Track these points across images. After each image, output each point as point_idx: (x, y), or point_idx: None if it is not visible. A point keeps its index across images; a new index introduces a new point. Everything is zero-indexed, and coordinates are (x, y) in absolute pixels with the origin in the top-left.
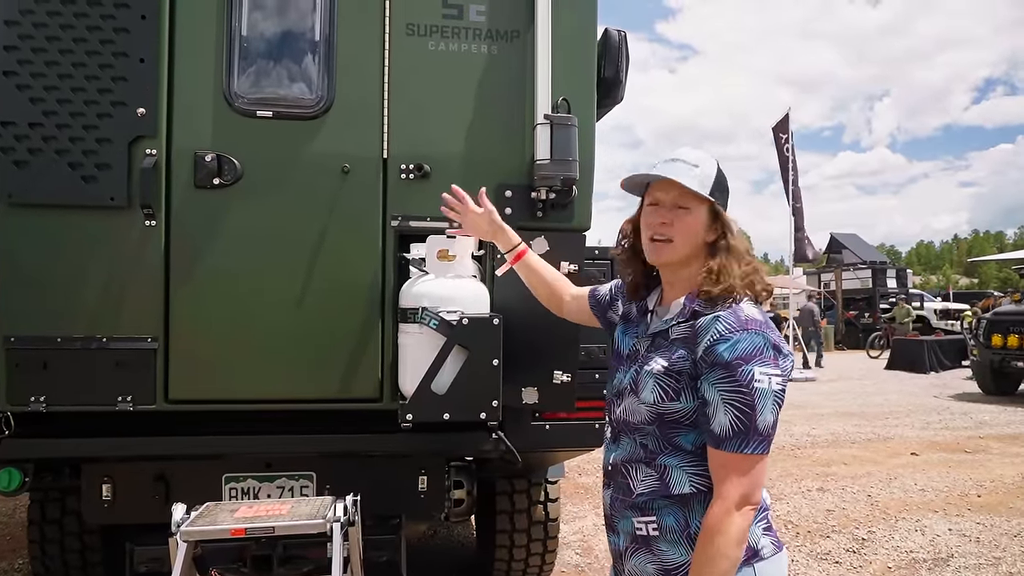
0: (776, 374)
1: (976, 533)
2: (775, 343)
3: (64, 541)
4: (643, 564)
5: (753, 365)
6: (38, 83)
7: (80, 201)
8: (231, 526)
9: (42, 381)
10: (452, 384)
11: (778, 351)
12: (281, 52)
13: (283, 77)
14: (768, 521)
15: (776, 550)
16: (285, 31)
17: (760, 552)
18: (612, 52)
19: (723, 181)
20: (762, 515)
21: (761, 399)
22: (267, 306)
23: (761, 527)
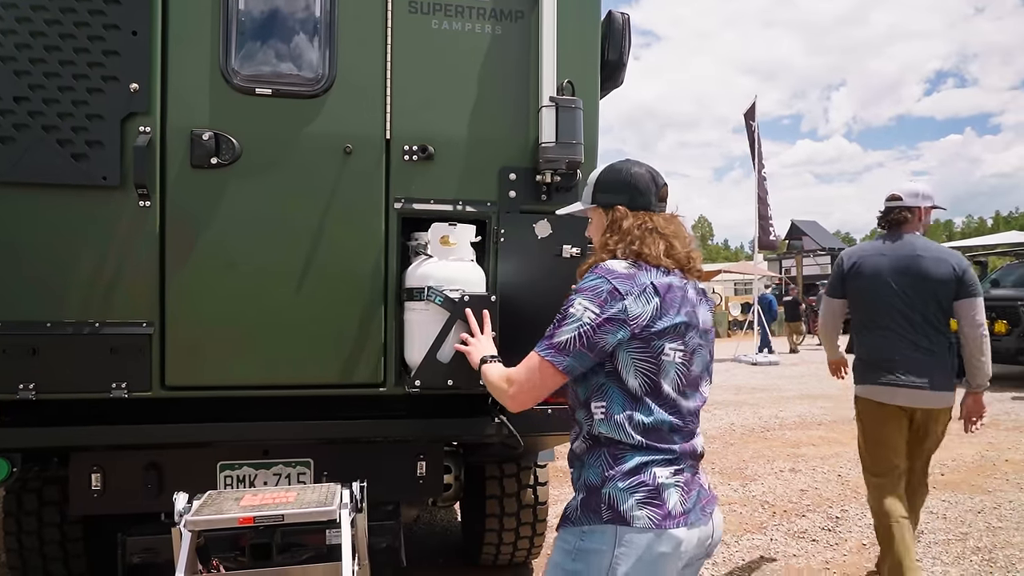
0: (593, 310)
1: (942, 510)
2: (615, 288)
3: (42, 532)
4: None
5: (580, 295)
6: (23, 55)
7: (70, 180)
8: (239, 515)
9: (31, 368)
10: (455, 354)
11: (612, 296)
12: (281, 28)
13: (283, 54)
14: (656, 499)
15: (650, 526)
16: (285, 5)
17: (630, 521)
18: (616, 35)
19: (607, 179)
20: (643, 489)
21: (568, 320)
22: (267, 289)
23: (637, 499)
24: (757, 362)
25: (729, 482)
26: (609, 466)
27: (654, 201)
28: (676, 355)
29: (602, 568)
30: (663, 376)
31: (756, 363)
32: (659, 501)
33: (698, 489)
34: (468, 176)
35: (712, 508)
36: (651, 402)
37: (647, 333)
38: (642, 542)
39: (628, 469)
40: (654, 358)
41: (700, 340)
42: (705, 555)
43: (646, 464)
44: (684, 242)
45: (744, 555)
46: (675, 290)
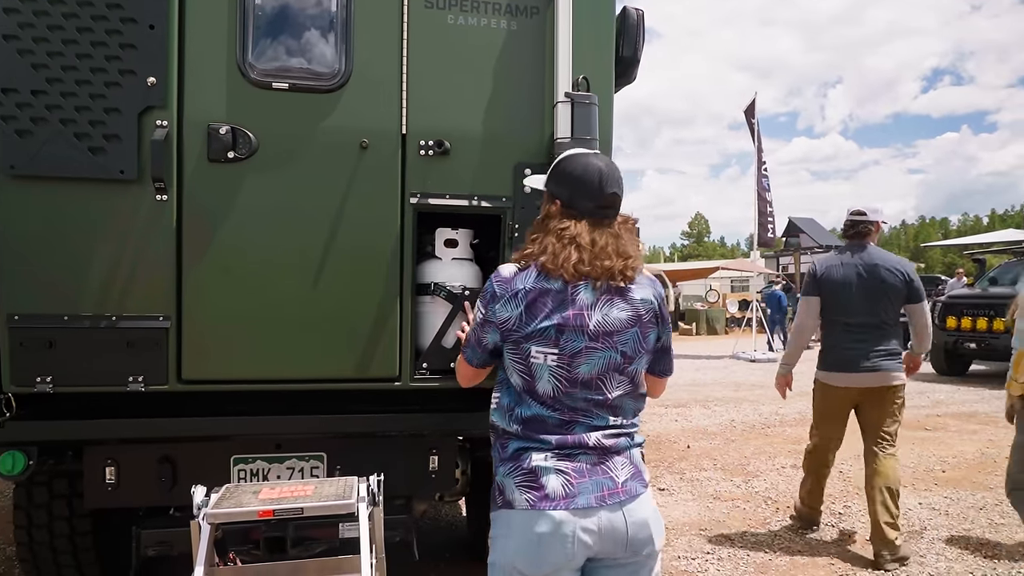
0: (481, 309)
1: (945, 507)
2: (494, 291)
3: (52, 526)
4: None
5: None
6: (41, 48)
7: (87, 174)
8: (259, 507)
9: (49, 361)
10: (457, 340)
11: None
12: (297, 22)
13: (299, 48)
14: (534, 483)
15: (527, 507)
16: (302, 1)
17: (512, 503)
18: (630, 31)
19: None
20: (521, 473)
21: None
22: (283, 284)
23: (515, 481)
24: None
25: (732, 478)
26: (498, 455)
27: (592, 208)
28: (548, 358)
29: (500, 551)
30: (536, 377)
31: (755, 360)
32: (536, 484)
33: (598, 479)
34: (483, 171)
35: (622, 502)
36: (529, 399)
37: (515, 336)
38: (522, 522)
39: (509, 455)
40: (524, 360)
41: (589, 343)
42: (634, 559)
43: (524, 450)
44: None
45: (749, 550)
46: (550, 295)
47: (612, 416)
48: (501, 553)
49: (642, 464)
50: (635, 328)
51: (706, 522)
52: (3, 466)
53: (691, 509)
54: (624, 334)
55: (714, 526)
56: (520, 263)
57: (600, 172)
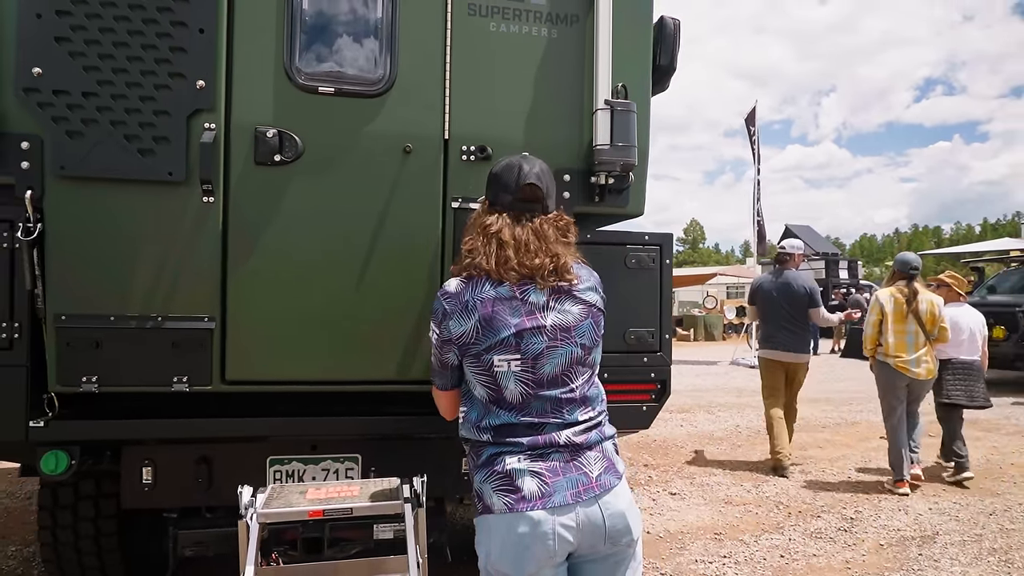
0: (435, 330)
1: (955, 512)
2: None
3: (77, 527)
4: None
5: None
6: (92, 51)
7: (136, 175)
8: (309, 507)
9: (94, 361)
10: None
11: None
12: (343, 28)
13: (345, 53)
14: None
15: (506, 510)
16: (347, 7)
17: (491, 508)
18: (668, 40)
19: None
20: (498, 478)
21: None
22: (326, 286)
23: (492, 486)
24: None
25: (742, 483)
26: (473, 464)
27: (512, 200)
28: (511, 365)
29: (483, 555)
30: (502, 385)
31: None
32: (512, 487)
33: (572, 475)
34: None
35: (597, 495)
36: (496, 408)
37: (475, 349)
38: (502, 526)
39: (483, 462)
40: (487, 371)
41: (549, 343)
42: (615, 550)
43: (497, 455)
44: (528, 252)
45: (765, 554)
46: (501, 303)
47: (581, 409)
48: (486, 558)
49: (615, 456)
50: (589, 319)
51: (720, 526)
52: (46, 466)
53: (704, 513)
54: (580, 327)
55: (728, 530)
56: (462, 275)
57: (519, 166)
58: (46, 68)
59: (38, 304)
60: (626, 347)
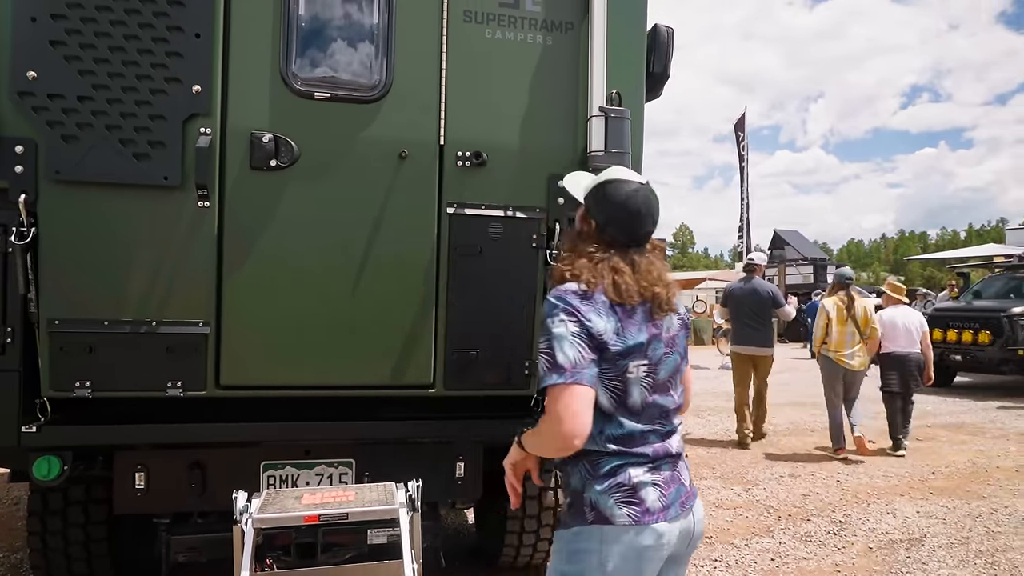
0: (572, 319)
1: (942, 515)
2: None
3: (67, 532)
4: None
5: (550, 318)
6: (87, 54)
7: (131, 180)
8: (304, 512)
9: (88, 366)
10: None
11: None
12: (339, 34)
13: (341, 59)
14: (633, 497)
15: (631, 523)
16: (344, 13)
17: (612, 520)
18: (661, 47)
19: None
20: (620, 490)
21: (559, 340)
22: (321, 291)
23: (615, 499)
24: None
25: (732, 487)
26: (588, 473)
27: (625, 241)
28: (640, 370)
29: (593, 565)
30: (629, 392)
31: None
32: (637, 499)
33: (678, 486)
34: (518, 182)
35: (692, 503)
36: (620, 417)
37: (610, 352)
38: (625, 538)
39: (604, 473)
40: (620, 377)
41: (666, 348)
42: (689, 550)
43: (621, 467)
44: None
45: (755, 558)
46: (634, 309)
47: (675, 419)
48: (599, 567)
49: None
50: (683, 331)
51: (710, 530)
52: (39, 471)
53: None
54: (679, 337)
55: (719, 534)
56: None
57: (639, 209)
58: (41, 72)
59: (31, 308)
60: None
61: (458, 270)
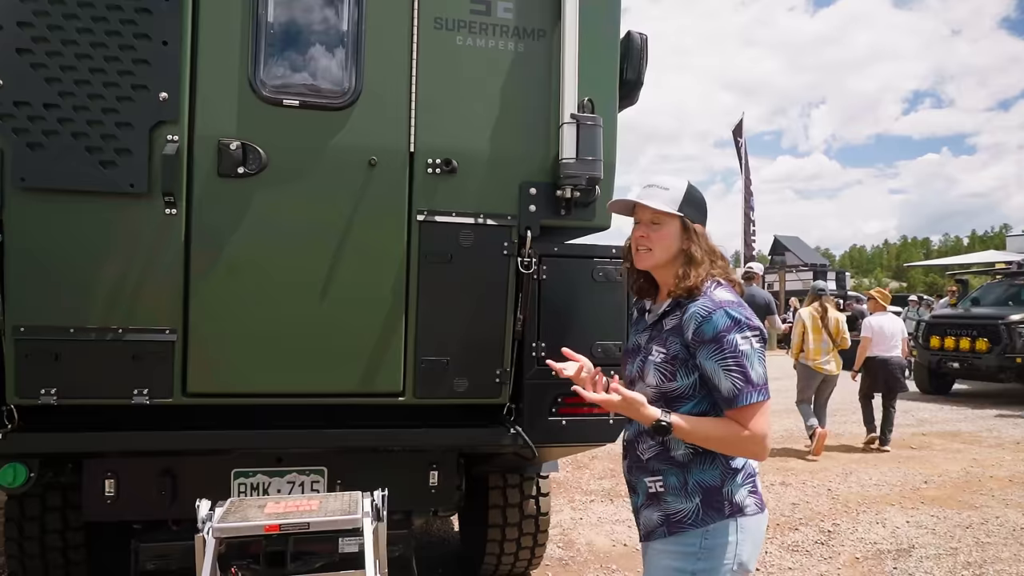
0: (755, 335)
1: (932, 525)
2: (747, 315)
3: (45, 539)
4: (652, 514)
5: (733, 334)
6: (54, 62)
7: (97, 187)
8: (265, 522)
9: (54, 373)
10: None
11: (749, 319)
12: (309, 41)
13: (310, 66)
14: (755, 485)
15: (758, 511)
16: (312, 20)
17: (744, 509)
18: (634, 54)
19: (693, 197)
20: (749, 480)
21: (748, 358)
22: (290, 299)
23: (747, 489)
24: None
25: None
26: (727, 467)
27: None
28: None
29: (729, 557)
30: None
31: None
32: (757, 487)
33: None
34: (489, 190)
35: None
36: None
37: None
38: (755, 525)
39: (740, 465)
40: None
41: None
42: None
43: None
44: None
45: None
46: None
47: None
48: (734, 558)
49: None
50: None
51: None
52: (4, 478)
53: None
54: None
55: None
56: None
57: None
58: (7, 79)
59: None
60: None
61: (428, 278)
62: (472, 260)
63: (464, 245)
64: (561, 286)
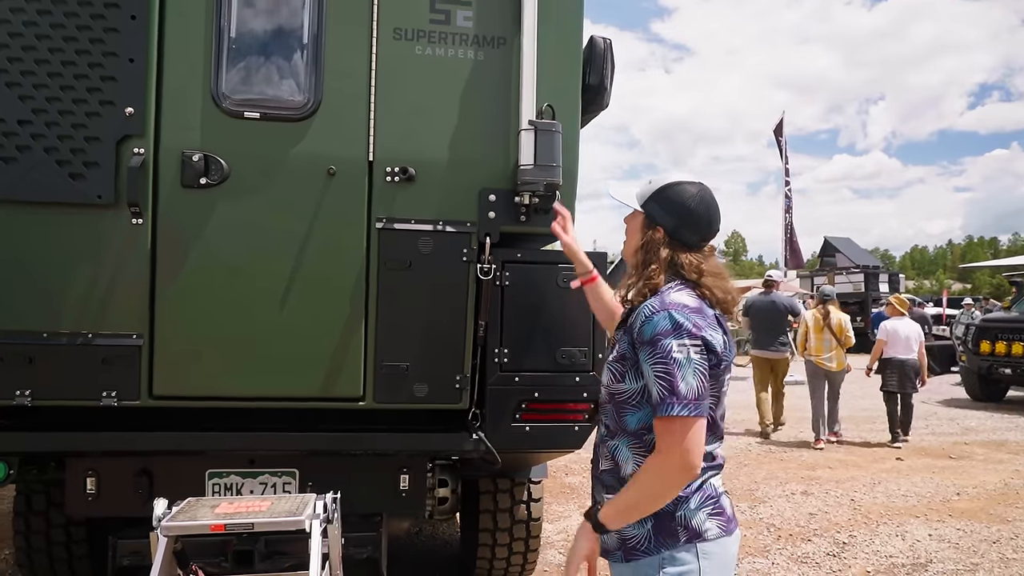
0: (695, 344)
1: (956, 539)
2: (694, 322)
3: (50, 533)
4: (610, 534)
5: (670, 339)
6: (27, 81)
7: (67, 199)
8: (211, 521)
9: (27, 375)
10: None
11: (698, 328)
12: (269, 54)
13: (271, 79)
14: (718, 508)
15: (722, 533)
16: (273, 34)
17: (704, 534)
18: (597, 59)
19: (667, 197)
20: (709, 502)
21: (680, 367)
22: (252, 305)
23: (705, 512)
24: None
25: (737, 504)
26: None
27: (696, 241)
28: (726, 384)
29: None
30: (720, 404)
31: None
32: (719, 509)
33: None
34: (449, 197)
35: None
36: (710, 431)
37: (718, 369)
38: (720, 549)
39: (696, 488)
40: (718, 391)
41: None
42: None
43: (707, 479)
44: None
45: None
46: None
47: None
48: None
49: None
50: None
51: None
52: None
53: None
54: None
55: None
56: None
57: (711, 205)
58: None
59: None
60: (557, 367)
61: (388, 284)
62: (431, 267)
63: (423, 252)
64: (525, 292)
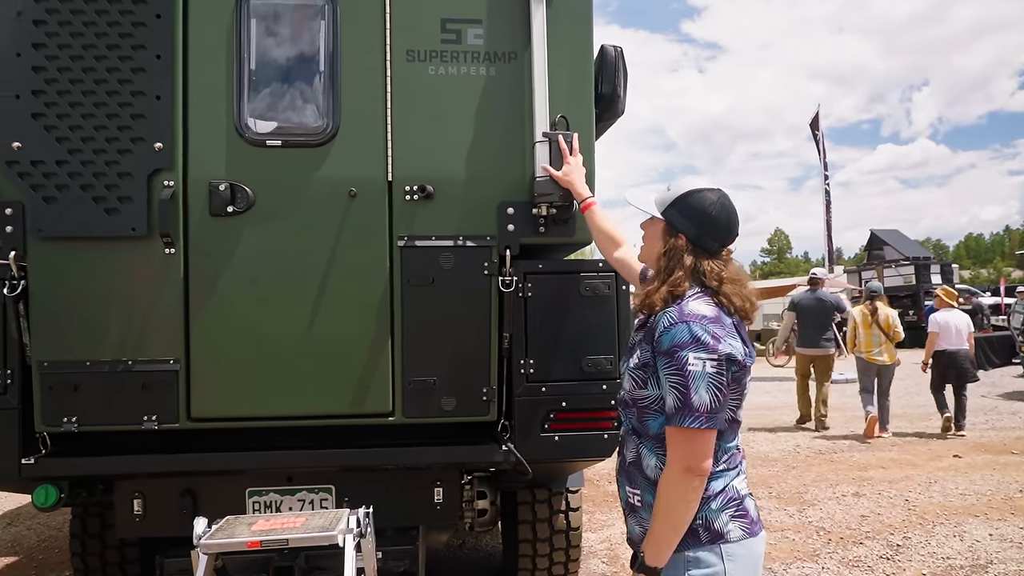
0: (712, 358)
1: (1018, 538)
2: (713, 333)
3: (104, 554)
4: (634, 526)
5: (686, 351)
6: (64, 123)
7: (104, 233)
8: (247, 539)
9: (73, 403)
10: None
11: (716, 340)
12: (288, 84)
13: (290, 108)
14: (741, 510)
15: (746, 535)
16: (291, 63)
17: (727, 535)
18: (609, 68)
19: (688, 205)
20: (731, 504)
21: (695, 380)
22: (281, 326)
23: (728, 514)
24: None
25: (785, 507)
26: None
27: (716, 248)
28: (748, 386)
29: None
30: (741, 407)
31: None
32: (743, 511)
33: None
34: (468, 212)
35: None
36: (729, 432)
37: (743, 371)
38: (744, 551)
39: (718, 490)
40: (740, 395)
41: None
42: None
43: (729, 482)
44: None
45: None
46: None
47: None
48: None
49: None
50: None
51: None
52: (37, 499)
53: None
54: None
55: None
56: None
57: (729, 214)
58: (25, 142)
59: (28, 352)
60: (584, 375)
61: (412, 301)
62: (454, 281)
63: (445, 267)
64: (548, 303)
